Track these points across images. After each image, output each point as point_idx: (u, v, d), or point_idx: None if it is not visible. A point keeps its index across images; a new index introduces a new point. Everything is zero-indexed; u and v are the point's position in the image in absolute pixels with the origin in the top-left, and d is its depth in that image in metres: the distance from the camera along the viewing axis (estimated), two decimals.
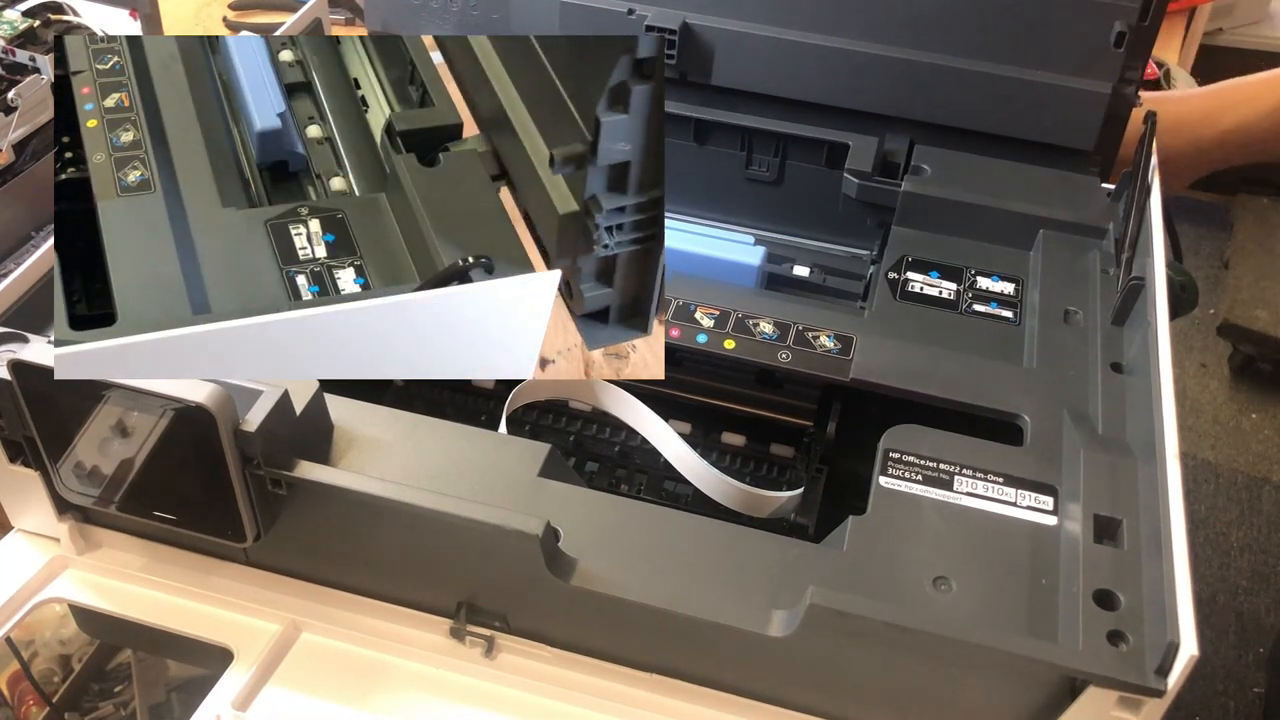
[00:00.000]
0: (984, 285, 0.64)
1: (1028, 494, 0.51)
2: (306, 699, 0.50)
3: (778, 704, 0.50)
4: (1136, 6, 0.65)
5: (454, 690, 0.51)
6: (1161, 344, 0.54)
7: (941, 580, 0.48)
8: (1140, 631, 0.45)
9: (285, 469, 0.47)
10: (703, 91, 0.75)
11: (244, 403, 0.46)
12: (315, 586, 0.54)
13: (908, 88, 0.71)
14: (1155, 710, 0.44)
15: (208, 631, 0.53)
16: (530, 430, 0.68)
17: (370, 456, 0.52)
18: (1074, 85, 0.68)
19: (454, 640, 0.52)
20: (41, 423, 0.48)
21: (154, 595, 0.55)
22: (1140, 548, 0.48)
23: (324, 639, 0.53)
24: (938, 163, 0.70)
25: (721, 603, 0.46)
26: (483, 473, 0.51)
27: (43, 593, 0.55)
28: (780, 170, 0.75)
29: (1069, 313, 0.61)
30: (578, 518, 0.50)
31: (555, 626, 0.51)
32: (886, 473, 0.52)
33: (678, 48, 0.72)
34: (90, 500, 0.50)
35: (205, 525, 0.50)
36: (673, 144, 0.76)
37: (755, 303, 0.62)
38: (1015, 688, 0.46)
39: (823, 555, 0.49)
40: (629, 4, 0.73)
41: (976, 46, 0.69)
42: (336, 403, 0.53)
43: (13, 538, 0.57)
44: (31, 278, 0.56)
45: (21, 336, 0.51)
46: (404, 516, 0.48)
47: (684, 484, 0.62)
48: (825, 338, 0.60)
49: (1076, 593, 0.47)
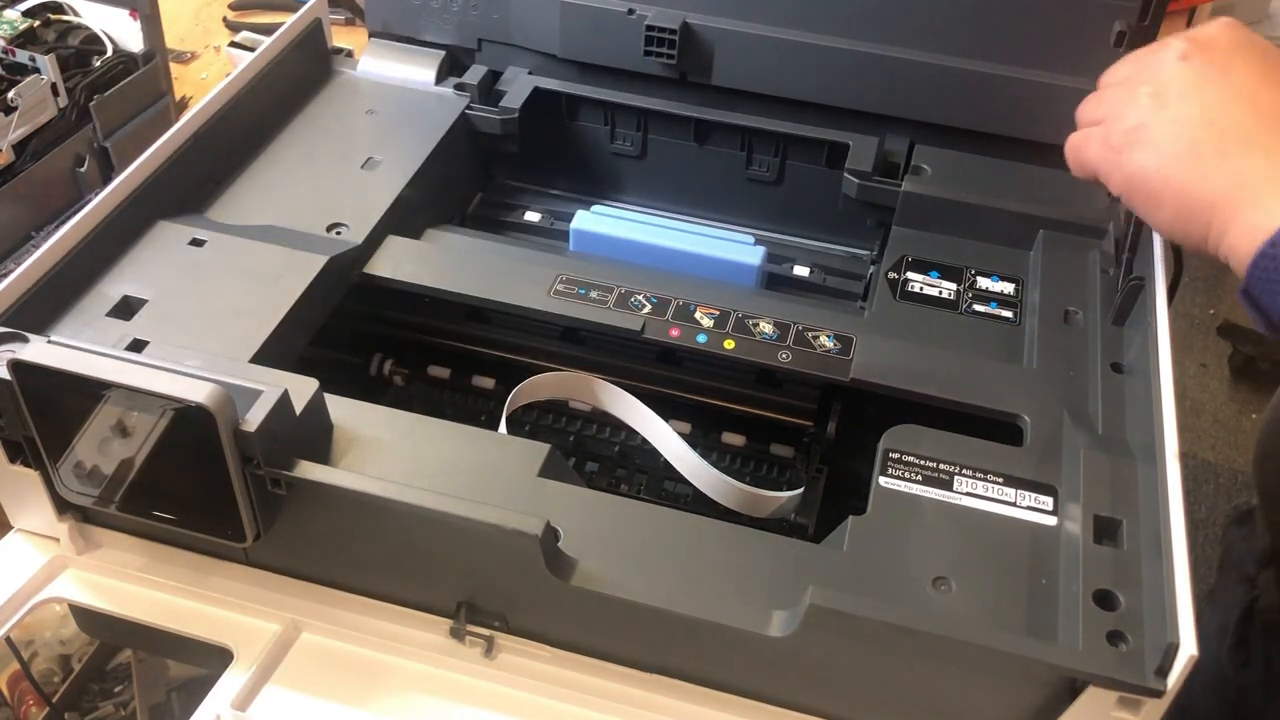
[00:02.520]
0: (984, 285, 0.64)
1: (1028, 494, 0.51)
2: (306, 699, 0.50)
3: (778, 704, 0.50)
4: (1136, 6, 0.65)
5: (454, 690, 0.51)
6: (1161, 344, 0.54)
7: (941, 580, 0.48)
8: (1140, 632, 0.45)
9: (285, 469, 0.47)
10: (703, 91, 0.75)
11: (244, 402, 0.46)
12: (315, 586, 0.54)
13: (908, 88, 0.71)
14: (1155, 710, 0.44)
15: (208, 631, 0.53)
16: (530, 430, 0.68)
17: (370, 456, 0.52)
18: (1074, 85, 0.68)
19: (454, 640, 0.52)
20: (41, 423, 0.48)
21: (154, 595, 0.55)
22: (1140, 548, 0.48)
23: (324, 639, 0.53)
24: (938, 163, 0.70)
25: (721, 603, 0.46)
26: (483, 473, 0.51)
27: (43, 593, 0.55)
28: (780, 170, 0.75)
29: (1069, 313, 0.61)
30: (578, 518, 0.50)
31: (555, 626, 0.51)
32: (886, 473, 0.52)
33: (678, 48, 0.72)
34: (90, 500, 0.50)
35: (205, 525, 0.50)
36: (673, 144, 0.76)
37: (755, 303, 0.62)
38: (1015, 688, 0.46)
39: (823, 555, 0.49)
40: (629, 4, 0.73)
41: (976, 46, 0.69)
42: (336, 403, 0.53)
43: (13, 538, 0.56)
44: (31, 278, 0.56)
45: (21, 336, 0.51)
46: (404, 516, 0.48)
47: (684, 484, 0.62)
48: (825, 338, 0.60)
49: (1076, 593, 0.47)
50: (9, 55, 0.84)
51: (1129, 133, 0.51)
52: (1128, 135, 0.51)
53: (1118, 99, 0.53)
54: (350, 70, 0.77)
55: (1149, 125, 0.50)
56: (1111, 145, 0.52)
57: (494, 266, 0.64)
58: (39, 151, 0.83)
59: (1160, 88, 0.51)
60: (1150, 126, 0.50)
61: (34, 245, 0.82)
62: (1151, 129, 0.50)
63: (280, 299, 0.58)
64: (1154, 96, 0.51)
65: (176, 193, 0.64)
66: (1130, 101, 0.52)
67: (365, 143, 0.71)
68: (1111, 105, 0.53)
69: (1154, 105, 0.50)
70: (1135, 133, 0.51)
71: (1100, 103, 0.54)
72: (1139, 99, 0.51)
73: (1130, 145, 0.51)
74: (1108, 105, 0.53)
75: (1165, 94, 0.50)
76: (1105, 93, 0.54)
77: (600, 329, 0.61)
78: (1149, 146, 0.50)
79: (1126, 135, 0.51)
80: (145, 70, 0.90)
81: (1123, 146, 0.51)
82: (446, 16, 0.77)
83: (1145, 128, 0.50)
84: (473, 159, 0.77)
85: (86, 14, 0.91)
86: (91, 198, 0.62)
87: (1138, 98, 0.51)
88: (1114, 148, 0.52)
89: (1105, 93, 0.54)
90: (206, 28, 1.16)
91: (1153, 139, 0.50)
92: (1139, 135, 0.50)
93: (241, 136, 0.69)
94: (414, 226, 0.67)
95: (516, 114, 0.74)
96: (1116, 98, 0.53)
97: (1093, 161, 0.53)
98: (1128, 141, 0.51)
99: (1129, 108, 0.51)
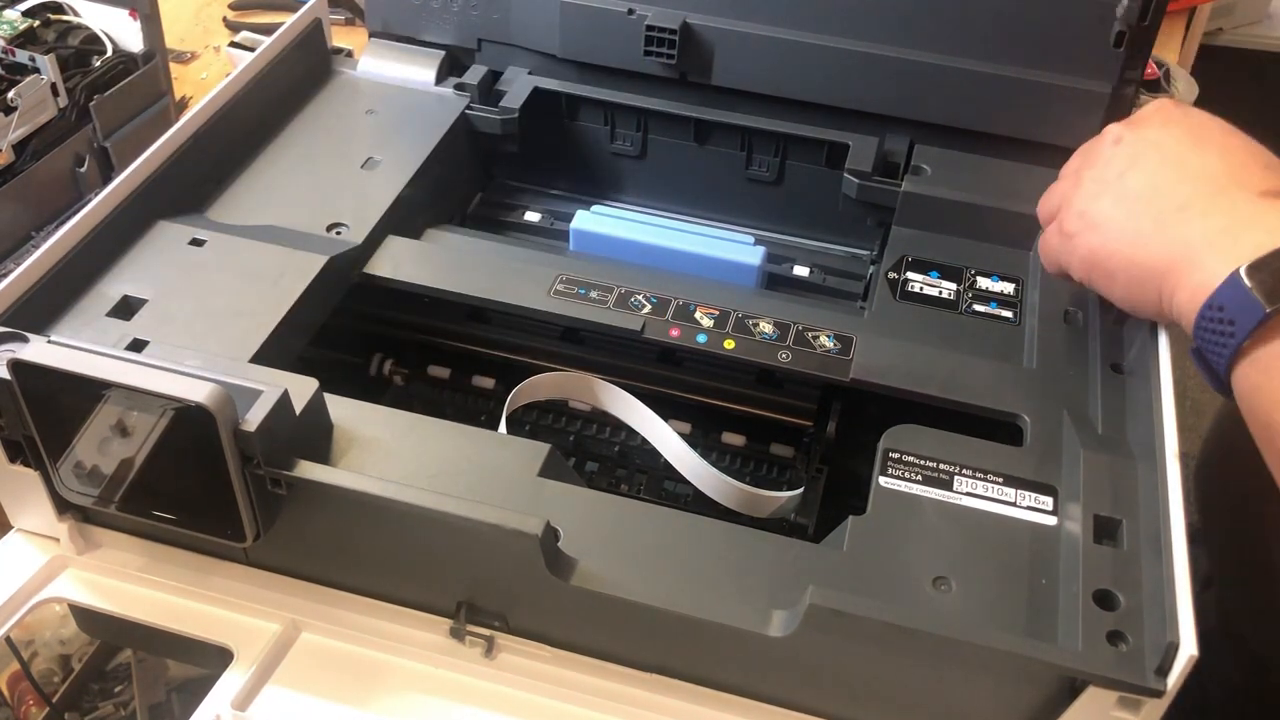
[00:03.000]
0: (984, 285, 0.64)
1: (1028, 494, 0.51)
2: (306, 699, 0.50)
3: (777, 704, 0.50)
4: (1136, 7, 0.65)
5: (454, 690, 0.51)
6: (1161, 344, 0.54)
7: (941, 580, 0.48)
8: (1140, 632, 0.45)
9: (285, 469, 0.47)
10: (703, 91, 0.74)
11: (244, 402, 0.46)
12: (315, 586, 0.54)
13: (908, 88, 0.71)
14: (1155, 710, 0.44)
15: (207, 631, 0.53)
16: (530, 430, 0.68)
17: (370, 456, 0.52)
18: (1074, 85, 0.68)
19: (454, 640, 0.52)
20: (41, 422, 0.48)
21: (154, 595, 0.55)
22: (1140, 548, 0.48)
23: (324, 639, 0.53)
24: (938, 163, 0.70)
25: (721, 603, 0.46)
26: (483, 473, 0.51)
27: (42, 592, 0.55)
28: (780, 170, 0.75)
29: (1069, 313, 0.61)
30: (578, 518, 0.50)
31: (555, 626, 0.51)
32: (886, 473, 0.52)
33: (678, 48, 0.72)
34: (90, 500, 0.50)
35: (205, 525, 0.50)
36: (673, 144, 0.76)
37: (755, 303, 0.62)
38: (1015, 688, 0.46)
39: (823, 555, 0.49)
40: (629, 4, 0.73)
41: (976, 46, 0.69)
42: (336, 403, 0.53)
43: (12, 537, 0.56)
44: (31, 277, 0.56)
45: (21, 336, 0.51)
46: (404, 516, 0.48)
47: (684, 484, 0.62)
48: (825, 338, 0.60)
49: (1076, 593, 0.47)
50: (9, 55, 0.84)
51: (1076, 219, 0.55)
52: (1076, 221, 0.55)
53: (1066, 190, 0.57)
54: (350, 70, 0.77)
55: (1092, 209, 0.54)
56: (1065, 233, 0.55)
57: (494, 266, 0.64)
58: (39, 151, 0.83)
59: (1100, 172, 0.55)
60: (1093, 210, 0.54)
61: (34, 245, 0.82)
62: (1095, 212, 0.54)
63: (280, 299, 0.58)
64: (1095, 181, 0.54)
65: (176, 193, 0.64)
66: (1076, 189, 0.55)
67: (365, 143, 0.71)
68: (1062, 196, 0.57)
69: (1096, 190, 0.54)
70: (1081, 218, 0.54)
71: (1052, 196, 0.58)
72: (1083, 186, 0.55)
73: (1079, 231, 0.54)
74: (1059, 197, 0.57)
75: (1104, 177, 0.54)
76: (1057, 185, 0.58)
77: (600, 329, 0.61)
78: (1095, 229, 0.53)
79: (1075, 221, 0.55)
80: (145, 70, 0.90)
81: (1074, 233, 0.55)
82: (446, 16, 0.77)
83: (1089, 212, 0.54)
84: (473, 159, 0.77)
85: (86, 14, 0.91)
86: (91, 198, 0.62)
87: (1082, 184, 0.55)
88: (1067, 234, 0.55)
89: (1057, 185, 0.58)
90: (206, 28, 1.16)
91: (1097, 221, 0.53)
92: (1085, 220, 0.54)
93: (241, 136, 0.69)
94: (414, 226, 0.67)
95: (516, 114, 0.74)
96: (1065, 189, 0.57)
97: (1053, 253, 0.57)
98: (1076, 228, 0.54)
99: (1075, 194, 0.55)
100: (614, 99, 0.75)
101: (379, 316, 0.69)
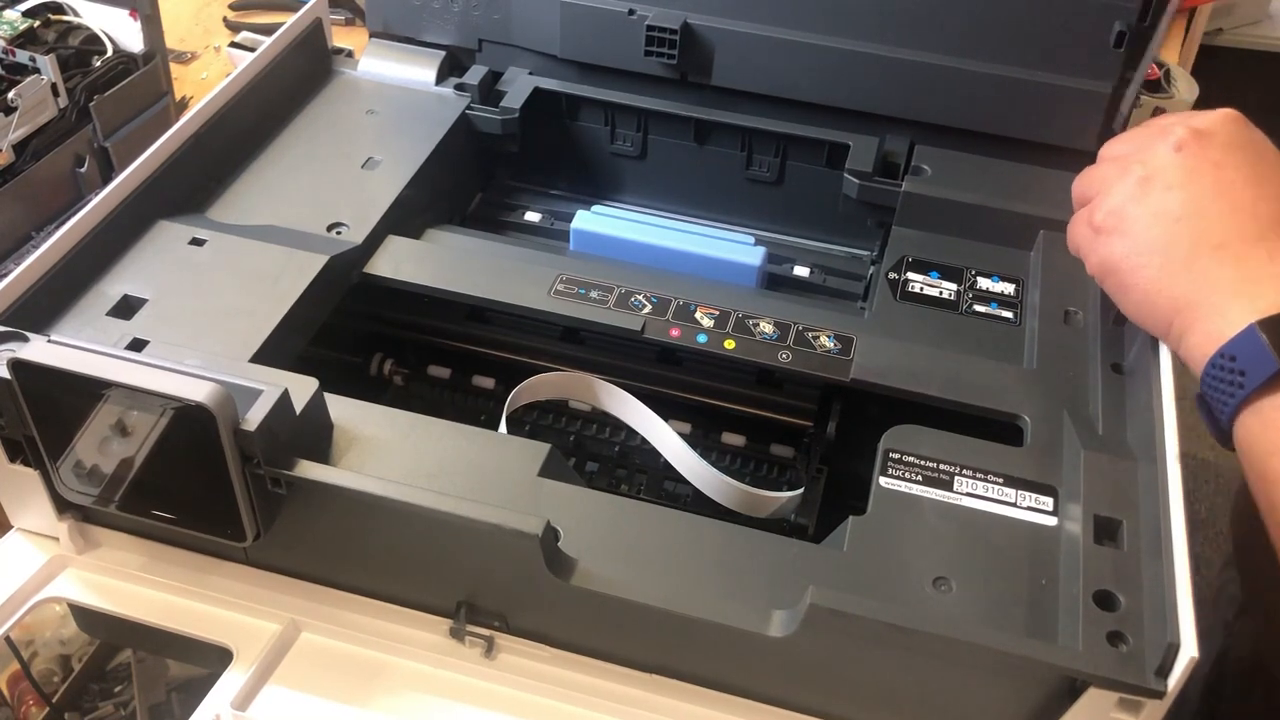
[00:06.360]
0: (984, 285, 0.64)
1: (1028, 494, 0.51)
2: (306, 699, 0.50)
3: (778, 704, 0.50)
4: (1136, 7, 0.65)
5: (454, 690, 0.51)
6: (1162, 344, 0.54)
7: (941, 580, 0.48)
8: (1140, 632, 0.45)
9: (285, 468, 0.47)
10: (703, 91, 0.74)
11: (244, 402, 0.46)
12: (315, 586, 0.54)
13: (908, 88, 0.71)
14: (1155, 711, 0.44)
15: (207, 631, 0.53)
16: (530, 430, 0.68)
17: (370, 456, 0.52)
18: (1074, 85, 0.68)
19: (454, 640, 0.52)
20: (41, 422, 0.48)
21: (154, 595, 0.55)
22: (1140, 548, 0.48)
23: (324, 639, 0.53)
24: (938, 163, 0.70)
25: (721, 603, 0.46)
26: (483, 472, 0.51)
27: (42, 592, 0.55)
28: (780, 170, 0.75)
29: (1069, 313, 0.61)
30: (578, 518, 0.50)
31: (555, 626, 0.51)
32: (886, 473, 0.52)
33: (678, 48, 0.72)
34: (90, 499, 0.50)
35: (205, 524, 0.50)
36: (673, 144, 0.76)
37: (755, 303, 0.62)
38: (1015, 689, 0.46)
39: (823, 555, 0.49)
40: (629, 4, 0.73)
41: (977, 46, 0.69)
42: (336, 402, 0.53)
43: (12, 537, 0.56)
44: (31, 277, 0.56)
45: (21, 336, 0.51)
46: (403, 516, 0.48)
47: (684, 484, 0.62)
48: (825, 338, 0.60)
49: (1076, 593, 0.47)
50: (9, 55, 0.84)
51: (1109, 215, 0.52)
52: (1108, 218, 0.52)
53: (1108, 177, 0.54)
54: (350, 70, 0.77)
55: (1129, 212, 0.51)
56: (1093, 225, 0.53)
57: (494, 266, 0.64)
58: (39, 151, 0.83)
59: (1150, 172, 0.51)
60: (1130, 214, 0.51)
61: (34, 245, 0.82)
62: (1130, 217, 0.51)
63: (280, 299, 0.58)
64: (1141, 181, 0.51)
65: (176, 193, 0.64)
66: (1119, 180, 0.52)
67: (365, 143, 0.71)
68: (1102, 182, 0.54)
69: (1138, 191, 0.51)
70: (1114, 217, 0.52)
71: (1092, 179, 0.55)
72: (1127, 180, 0.52)
73: (1109, 230, 0.52)
74: (1098, 182, 0.54)
75: (1152, 181, 0.51)
76: (1098, 167, 0.55)
77: (600, 329, 0.61)
78: (1125, 236, 0.51)
79: (1106, 218, 0.52)
80: (145, 70, 0.90)
81: (1101, 229, 0.52)
82: (447, 17, 0.77)
83: (1125, 215, 0.51)
84: (473, 159, 0.77)
85: (86, 14, 0.91)
86: (91, 198, 0.62)
87: (1126, 178, 0.52)
88: (1095, 227, 0.53)
89: (1098, 167, 0.55)
90: (206, 28, 1.16)
91: (1130, 229, 0.51)
92: (1118, 221, 0.51)
93: (241, 136, 0.69)
94: (414, 226, 0.67)
95: (517, 114, 0.74)
96: (1107, 175, 0.54)
97: (1075, 240, 0.55)
98: (1106, 225, 0.52)
99: (1116, 187, 0.52)
100: (614, 99, 0.75)
101: (379, 316, 0.69)
